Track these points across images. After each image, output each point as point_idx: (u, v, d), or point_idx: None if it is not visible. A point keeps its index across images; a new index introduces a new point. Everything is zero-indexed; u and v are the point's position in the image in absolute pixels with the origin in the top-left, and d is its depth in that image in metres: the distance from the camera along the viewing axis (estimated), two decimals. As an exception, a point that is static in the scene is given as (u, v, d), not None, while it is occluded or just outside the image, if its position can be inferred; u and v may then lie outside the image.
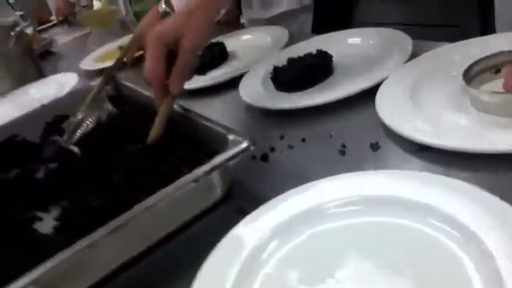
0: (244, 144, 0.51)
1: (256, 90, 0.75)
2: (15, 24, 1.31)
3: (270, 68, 0.78)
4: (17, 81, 1.21)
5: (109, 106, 0.80)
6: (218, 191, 0.54)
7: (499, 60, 0.54)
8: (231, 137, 0.53)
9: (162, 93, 0.63)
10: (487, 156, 0.45)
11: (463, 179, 0.41)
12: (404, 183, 0.42)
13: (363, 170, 0.48)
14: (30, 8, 2.34)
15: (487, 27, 0.91)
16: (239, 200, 0.54)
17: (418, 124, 0.51)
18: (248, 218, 0.46)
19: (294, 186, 0.48)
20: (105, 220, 0.48)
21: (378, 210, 0.41)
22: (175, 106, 0.66)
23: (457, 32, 0.90)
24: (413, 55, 0.68)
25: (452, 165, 0.46)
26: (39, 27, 2.48)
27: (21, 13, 3.14)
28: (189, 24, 0.63)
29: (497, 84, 0.53)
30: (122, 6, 1.88)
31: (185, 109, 0.66)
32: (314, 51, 0.77)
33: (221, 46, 0.97)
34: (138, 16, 1.78)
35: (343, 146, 0.56)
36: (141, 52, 1.13)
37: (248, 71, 0.83)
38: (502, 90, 0.49)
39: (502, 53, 0.54)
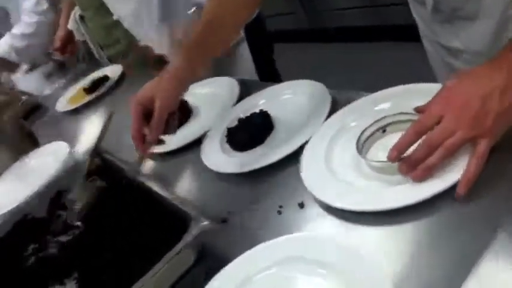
0: (205, 223, 0.69)
1: (215, 153, 0.92)
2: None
3: (225, 127, 0.95)
4: (14, 153, 1.36)
5: (99, 184, 0.96)
6: (192, 258, 0.72)
7: (385, 122, 0.71)
8: (193, 214, 0.71)
9: (141, 142, 0.84)
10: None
11: (360, 230, 0.61)
12: (305, 246, 0.61)
13: (292, 227, 0.67)
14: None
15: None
16: (208, 262, 0.71)
17: (329, 188, 0.68)
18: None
19: (246, 246, 0.65)
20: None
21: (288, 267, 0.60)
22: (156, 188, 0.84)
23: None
24: (334, 101, 0.87)
25: (355, 220, 0.63)
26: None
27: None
28: (160, 89, 0.83)
29: (385, 141, 0.70)
30: (95, 51, 2.03)
31: (163, 189, 0.82)
32: (257, 110, 0.94)
33: (185, 104, 1.13)
34: (112, 60, 1.94)
35: (280, 206, 0.73)
36: None
37: (208, 131, 1.00)
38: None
39: (387, 116, 0.71)
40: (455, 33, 0.89)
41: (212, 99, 1.14)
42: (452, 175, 0.59)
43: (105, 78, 1.66)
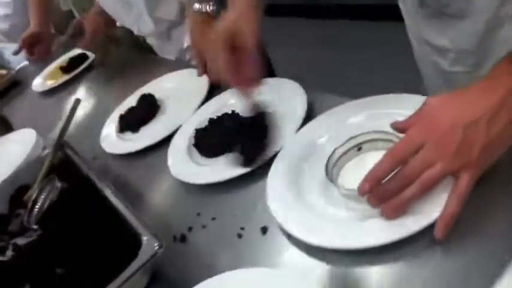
0: (156, 247, 0.62)
1: (180, 159, 0.85)
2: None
3: (193, 128, 0.88)
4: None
5: (58, 184, 0.90)
6: (143, 284, 0.66)
7: (360, 140, 0.64)
8: (145, 237, 0.64)
9: (237, 76, 0.70)
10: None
11: (324, 267, 0.56)
12: (261, 281, 0.55)
13: (251, 255, 0.62)
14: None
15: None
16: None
17: (295, 216, 0.61)
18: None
19: (202, 272, 0.60)
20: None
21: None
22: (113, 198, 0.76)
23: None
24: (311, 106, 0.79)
25: (320, 256, 0.57)
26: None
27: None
28: (243, 20, 0.69)
29: (360, 160, 0.63)
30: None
31: (119, 199, 0.75)
32: (229, 111, 0.86)
33: (152, 99, 1.05)
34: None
35: (242, 228, 0.66)
36: None
37: (176, 130, 0.92)
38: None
39: (362, 134, 0.63)
40: (443, 30, 0.82)
41: (181, 94, 1.05)
42: (439, 207, 0.52)
43: (83, 56, 1.57)
